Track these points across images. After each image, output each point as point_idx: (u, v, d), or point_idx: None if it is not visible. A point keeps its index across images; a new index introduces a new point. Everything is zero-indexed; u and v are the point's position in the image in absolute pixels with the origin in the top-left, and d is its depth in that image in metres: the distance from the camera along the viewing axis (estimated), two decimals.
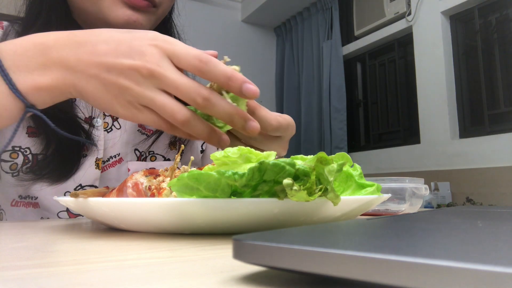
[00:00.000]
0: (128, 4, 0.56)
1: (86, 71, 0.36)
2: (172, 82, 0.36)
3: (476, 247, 0.14)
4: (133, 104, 0.37)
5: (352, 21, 2.91)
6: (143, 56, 0.36)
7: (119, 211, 0.30)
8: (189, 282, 0.15)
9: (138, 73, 0.35)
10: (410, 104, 2.53)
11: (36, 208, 0.57)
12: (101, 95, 0.37)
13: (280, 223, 0.29)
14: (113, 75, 0.36)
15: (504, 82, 2.06)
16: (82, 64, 0.36)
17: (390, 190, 0.53)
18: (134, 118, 0.38)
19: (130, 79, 0.36)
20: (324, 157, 0.27)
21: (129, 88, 0.36)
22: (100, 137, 0.60)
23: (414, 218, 0.25)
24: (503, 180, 1.93)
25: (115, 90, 0.36)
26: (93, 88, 0.37)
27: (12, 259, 0.21)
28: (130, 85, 0.36)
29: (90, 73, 0.36)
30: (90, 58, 0.36)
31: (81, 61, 0.36)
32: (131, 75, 0.35)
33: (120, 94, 0.36)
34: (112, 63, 0.36)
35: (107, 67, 0.36)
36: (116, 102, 0.37)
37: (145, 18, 0.58)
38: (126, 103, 0.37)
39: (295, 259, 0.13)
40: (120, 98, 0.36)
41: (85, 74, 0.36)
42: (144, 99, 0.36)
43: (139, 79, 0.35)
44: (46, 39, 0.38)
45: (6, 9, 0.66)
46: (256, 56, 3.45)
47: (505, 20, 2.08)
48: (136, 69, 0.35)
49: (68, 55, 0.37)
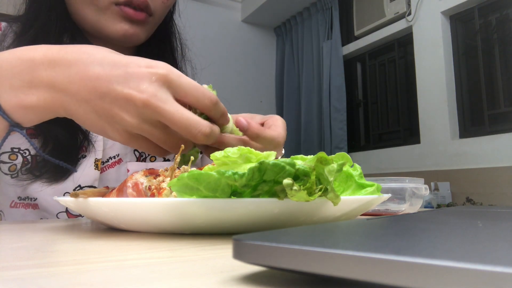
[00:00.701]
0: (127, 18, 0.56)
1: (77, 95, 0.34)
2: (170, 116, 0.33)
3: (476, 247, 0.14)
4: (127, 132, 0.35)
5: (352, 21, 2.91)
6: (139, 84, 0.33)
7: (119, 211, 0.30)
8: (189, 282, 0.15)
9: (133, 103, 0.33)
10: (410, 104, 2.53)
11: (35, 209, 0.57)
12: (93, 120, 0.35)
13: (280, 223, 0.29)
14: (106, 103, 0.34)
15: (504, 82, 2.06)
16: (73, 87, 0.34)
17: (390, 190, 0.53)
18: (129, 144, 0.37)
19: (125, 109, 0.33)
20: (324, 157, 0.27)
21: (123, 119, 0.34)
22: (98, 138, 0.60)
23: (414, 218, 0.25)
24: (503, 180, 1.93)
25: (108, 118, 0.34)
26: (84, 112, 0.35)
27: (12, 259, 0.21)
28: (125, 116, 0.34)
29: (81, 98, 0.34)
30: (81, 81, 0.34)
31: (72, 84, 0.34)
32: (126, 105, 0.33)
33: (113, 122, 0.34)
34: (105, 90, 0.33)
35: (100, 94, 0.33)
36: (108, 128, 0.35)
37: (141, 30, 0.59)
38: (120, 130, 0.35)
39: (295, 259, 0.13)
40: (113, 125, 0.35)
41: (76, 98, 0.34)
42: (141, 131, 0.35)
43: (134, 110, 0.33)
44: (34, 54, 0.35)
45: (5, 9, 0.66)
46: (256, 56, 3.45)
47: (505, 20, 2.08)
48: (130, 99, 0.33)
49: (57, 76, 0.34)
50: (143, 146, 0.37)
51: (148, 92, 0.33)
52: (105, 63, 0.34)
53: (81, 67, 0.34)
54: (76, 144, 0.57)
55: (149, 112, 0.33)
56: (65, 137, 0.55)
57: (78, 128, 0.57)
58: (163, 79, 0.34)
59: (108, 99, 0.33)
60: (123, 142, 0.36)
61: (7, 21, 0.60)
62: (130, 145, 0.37)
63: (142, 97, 0.32)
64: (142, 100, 0.33)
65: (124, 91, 0.33)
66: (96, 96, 0.33)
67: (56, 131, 0.54)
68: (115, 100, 0.33)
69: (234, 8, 3.39)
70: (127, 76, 0.33)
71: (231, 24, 3.36)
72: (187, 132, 0.34)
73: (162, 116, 0.33)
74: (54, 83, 0.34)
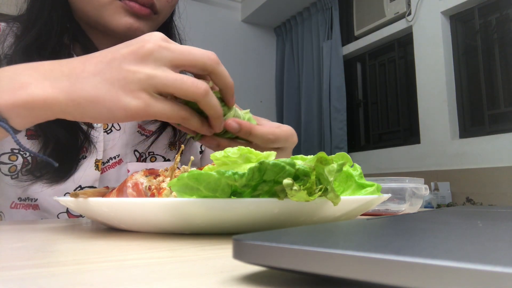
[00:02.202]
0: (131, 12, 0.56)
1: (83, 72, 0.33)
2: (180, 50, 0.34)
3: (476, 247, 0.14)
4: (145, 91, 0.33)
5: (352, 21, 2.91)
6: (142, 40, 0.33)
7: (119, 211, 0.30)
8: (189, 282, 0.15)
9: (142, 52, 0.33)
10: (410, 104, 2.53)
11: (36, 210, 0.57)
12: (104, 92, 0.33)
13: (280, 223, 0.29)
14: (115, 65, 0.33)
15: (504, 82, 2.06)
16: (78, 69, 0.34)
17: (390, 190, 0.53)
18: (148, 109, 0.33)
19: (136, 61, 0.32)
20: (324, 157, 0.27)
21: (136, 71, 0.32)
22: (99, 138, 0.60)
23: (414, 218, 0.25)
24: (503, 180, 1.93)
25: (121, 80, 0.32)
26: (93, 88, 0.33)
27: (12, 259, 0.21)
28: (137, 67, 0.32)
29: (87, 73, 0.33)
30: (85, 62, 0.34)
31: (75, 68, 0.34)
32: (136, 58, 0.33)
33: (127, 83, 0.32)
34: (111, 57, 0.33)
35: (107, 61, 0.33)
36: (124, 95, 0.33)
37: (146, 25, 0.58)
38: (137, 91, 0.33)
39: (295, 259, 0.13)
40: (128, 87, 0.32)
41: (81, 77, 0.33)
42: (157, 78, 0.33)
43: (145, 59, 0.33)
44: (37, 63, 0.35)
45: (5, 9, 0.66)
46: (256, 56, 3.45)
47: (505, 20, 2.08)
48: (138, 49, 0.33)
49: (60, 66, 0.34)
50: (165, 105, 0.34)
51: (153, 41, 0.33)
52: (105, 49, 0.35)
53: (82, 58, 0.35)
54: (76, 144, 0.57)
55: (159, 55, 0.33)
56: (66, 137, 0.55)
57: (79, 128, 0.57)
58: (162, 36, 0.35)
59: (116, 61, 0.33)
60: (143, 107, 0.33)
61: (6, 21, 0.60)
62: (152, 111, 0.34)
63: (149, 44, 0.33)
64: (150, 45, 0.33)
65: (131, 48, 0.33)
66: (104, 65, 0.33)
67: (57, 131, 0.54)
68: (123, 59, 0.33)
69: (234, 8, 3.39)
70: (127, 43, 0.34)
71: (231, 24, 3.36)
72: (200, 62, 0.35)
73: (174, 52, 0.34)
74: (55, 73, 0.34)
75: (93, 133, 0.59)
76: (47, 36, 0.56)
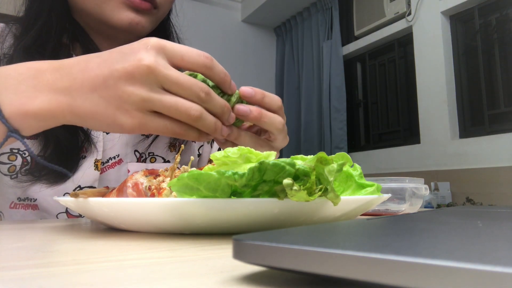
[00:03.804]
0: (131, 6, 0.56)
1: (82, 88, 0.34)
2: (174, 77, 0.34)
3: (476, 247, 0.14)
4: (140, 111, 0.34)
5: (352, 21, 2.91)
6: (136, 56, 0.34)
7: (119, 211, 0.30)
8: (189, 282, 0.15)
9: (137, 73, 0.33)
10: (410, 104, 2.53)
11: (35, 210, 0.57)
12: (102, 110, 0.34)
13: (280, 223, 0.29)
14: (111, 85, 0.34)
15: (504, 82, 2.06)
16: (77, 83, 0.34)
17: (390, 190, 0.53)
18: (143, 127, 0.35)
19: (131, 82, 0.33)
20: (324, 157, 0.27)
21: (132, 94, 0.33)
22: (99, 138, 0.60)
23: (414, 218, 0.25)
24: (503, 180, 1.93)
25: (117, 100, 0.34)
26: (91, 105, 0.34)
27: (12, 259, 0.21)
28: (132, 89, 0.33)
29: (86, 89, 0.34)
30: (84, 74, 0.34)
31: (75, 80, 0.34)
32: (131, 79, 0.33)
33: (122, 103, 0.34)
34: (107, 73, 0.34)
35: (103, 78, 0.34)
36: (120, 114, 0.34)
37: (147, 20, 0.59)
38: (132, 111, 0.34)
39: (295, 259, 0.13)
40: (123, 107, 0.34)
41: (80, 92, 0.34)
42: (152, 102, 0.34)
43: (140, 81, 0.33)
44: (40, 64, 0.36)
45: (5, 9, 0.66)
46: (256, 56, 3.45)
47: (505, 20, 2.08)
48: (133, 70, 0.33)
49: (61, 77, 0.35)
50: (161, 125, 0.35)
51: (147, 59, 0.33)
52: (102, 55, 0.35)
53: (82, 64, 0.35)
54: (77, 144, 0.57)
55: (153, 78, 0.33)
56: (66, 137, 0.55)
57: (79, 128, 0.57)
58: (157, 46, 0.34)
59: (112, 80, 0.34)
60: (138, 127, 0.35)
61: (5, 22, 0.60)
62: (146, 129, 0.35)
63: (144, 63, 0.33)
64: (144, 66, 0.33)
65: (126, 66, 0.33)
66: (100, 81, 0.34)
67: (57, 131, 0.54)
68: (118, 78, 0.33)
69: (234, 8, 3.39)
70: (123, 55, 0.34)
71: (231, 24, 3.36)
72: (191, 91, 0.34)
73: (166, 79, 0.34)
74: (58, 85, 0.35)
75: (93, 133, 0.59)
76: (47, 36, 0.56)
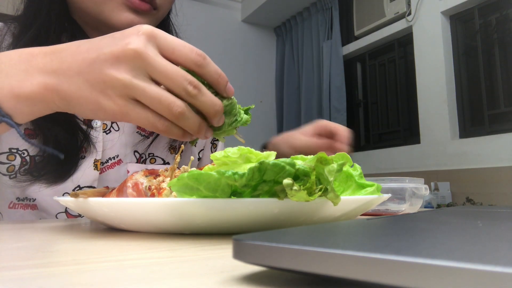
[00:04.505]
0: (131, 7, 0.56)
1: (69, 70, 0.34)
2: (161, 66, 0.32)
3: (476, 247, 0.14)
4: (123, 98, 0.33)
5: (352, 21, 2.91)
6: (126, 40, 0.32)
7: (119, 211, 0.30)
8: (189, 282, 0.15)
9: (123, 57, 0.32)
10: (410, 104, 2.53)
11: (34, 210, 0.57)
12: (86, 94, 0.33)
13: (280, 223, 0.29)
14: (96, 68, 0.33)
15: (504, 82, 2.06)
16: (65, 65, 0.34)
17: (390, 190, 0.53)
18: (124, 116, 0.34)
19: (116, 67, 0.32)
20: (324, 157, 0.27)
21: (115, 78, 0.32)
22: (98, 139, 0.60)
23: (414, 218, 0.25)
24: (503, 180, 1.93)
25: (100, 84, 0.33)
26: (77, 88, 0.33)
27: (12, 259, 0.21)
28: (116, 74, 0.32)
29: (73, 72, 0.33)
30: (73, 57, 0.34)
31: (64, 63, 0.34)
32: (116, 62, 0.32)
33: (106, 88, 0.32)
34: (95, 56, 0.33)
35: (90, 61, 0.33)
36: (103, 99, 0.33)
37: (147, 21, 0.58)
38: (115, 97, 0.33)
39: (295, 259, 0.13)
40: (107, 92, 0.33)
41: (67, 75, 0.34)
42: (134, 89, 0.32)
43: (125, 65, 0.32)
44: (33, 50, 0.36)
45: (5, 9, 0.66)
46: (256, 56, 3.45)
47: (505, 20, 2.08)
48: (120, 53, 0.32)
49: (51, 61, 0.34)
50: (142, 116, 0.33)
51: (136, 44, 0.32)
52: (94, 40, 0.35)
53: (73, 48, 0.35)
54: (76, 144, 0.57)
55: (140, 64, 0.32)
56: (65, 137, 0.55)
57: (78, 128, 0.57)
58: (149, 34, 0.33)
59: (98, 63, 0.33)
60: (120, 114, 0.34)
61: (3, 21, 0.60)
62: (127, 117, 0.34)
63: (131, 47, 0.32)
64: (132, 50, 0.32)
65: (113, 49, 0.32)
66: (86, 65, 0.33)
67: (56, 131, 0.54)
68: (104, 62, 0.32)
69: (234, 8, 3.38)
70: (114, 39, 0.33)
71: (231, 24, 3.36)
72: (177, 83, 0.33)
73: (153, 66, 0.32)
74: (47, 67, 0.34)
75: (92, 133, 0.59)
76: (45, 35, 0.56)
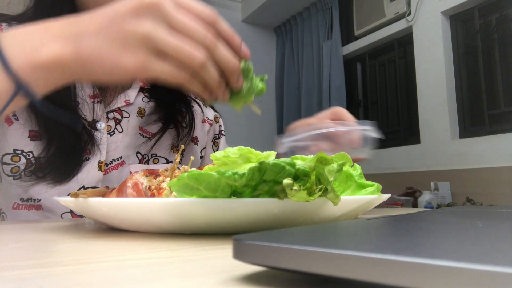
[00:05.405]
0: None
1: (87, 30, 0.34)
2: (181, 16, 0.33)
3: (476, 247, 0.14)
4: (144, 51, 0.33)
5: (352, 21, 2.91)
6: None
7: (119, 211, 0.30)
8: (189, 282, 0.15)
9: (142, 8, 0.32)
10: (410, 104, 2.53)
11: (39, 210, 0.57)
12: (106, 50, 0.33)
13: (280, 223, 0.29)
14: (116, 23, 0.33)
15: (504, 82, 2.06)
16: (83, 28, 0.34)
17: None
18: (145, 70, 0.33)
19: (136, 17, 0.32)
20: (324, 157, 0.27)
21: (136, 29, 0.32)
22: (103, 140, 0.60)
23: (414, 218, 0.25)
24: (503, 180, 1.93)
25: (121, 38, 0.33)
26: (96, 46, 0.33)
27: (12, 259, 0.21)
28: (137, 26, 0.32)
29: (91, 31, 0.33)
30: (91, 19, 0.34)
31: (81, 26, 0.34)
32: (136, 13, 0.32)
33: (127, 41, 0.33)
34: (113, 13, 0.33)
35: (109, 18, 0.33)
36: (124, 54, 0.33)
37: None
38: (136, 50, 0.33)
39: (295, 259, 0.13)
40: (127, 46, 0.33)
41: (86, 35, 0.34)
42: (156, 39, 0.32)
43: (145, 15, 0.32)
44: (48, 22, 0.36)
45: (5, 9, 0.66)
46: (256, 56, 3.45)
47: (505, 20, 2.08)
48: (139, 6, 0.32)
49: (69, 26, 0.34)
50: (162, 67, 0.34)
51: None
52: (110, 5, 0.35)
53: (90, 14, 0.35)
54: (80, 145, 0.57)
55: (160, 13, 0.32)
56: (70, 138, 0.55)
57: (84, 128, 0.57)
58: None
59: (118, 18, 0.33)
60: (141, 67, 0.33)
61: (7, 21, 0.60)
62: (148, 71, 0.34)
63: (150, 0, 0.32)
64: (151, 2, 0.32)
65: (131, 4, 0.33)
66: (106, 22, 0.33)
67: (61, 131, 0.54)
68: (124, 14, 0.33)
69: (234, 8, 3.38)
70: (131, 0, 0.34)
71: (231, 24, 3.26)
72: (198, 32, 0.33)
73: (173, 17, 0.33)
74: (65, 33, 0.34)
75: (97, 134, 0.59)
76: None
